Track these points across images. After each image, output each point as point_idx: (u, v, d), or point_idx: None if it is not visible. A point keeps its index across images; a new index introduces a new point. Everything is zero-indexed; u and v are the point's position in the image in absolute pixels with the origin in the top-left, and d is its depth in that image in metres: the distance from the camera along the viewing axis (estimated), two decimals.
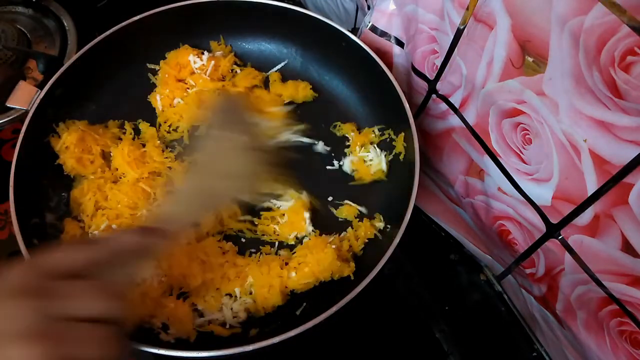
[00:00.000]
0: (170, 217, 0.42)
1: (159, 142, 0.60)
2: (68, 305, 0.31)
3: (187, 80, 0.63)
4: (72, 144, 0.57)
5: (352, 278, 0.51)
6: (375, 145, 0.61)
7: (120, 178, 0.58)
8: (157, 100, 0.63)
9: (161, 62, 0.64)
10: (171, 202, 0.46)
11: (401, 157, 0.58)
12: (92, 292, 0.33)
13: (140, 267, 0.39)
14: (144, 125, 0.62)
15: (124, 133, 0.62)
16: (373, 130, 0.62)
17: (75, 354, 0.30)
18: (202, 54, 0.64)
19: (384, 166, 0.59)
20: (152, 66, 0.65)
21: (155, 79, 0.65)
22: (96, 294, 0.33)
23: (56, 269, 0.33)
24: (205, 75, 0.63)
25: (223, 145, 0.48)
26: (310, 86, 0.65)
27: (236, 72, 0.66)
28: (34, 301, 0.30)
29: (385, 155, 0.60)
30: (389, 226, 0.56)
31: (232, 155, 0.48)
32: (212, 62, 0.63)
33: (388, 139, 0.60)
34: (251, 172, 0.49)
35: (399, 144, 0.58)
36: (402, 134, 0.58)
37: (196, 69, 0.63)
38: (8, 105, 0.58)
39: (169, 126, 0.63)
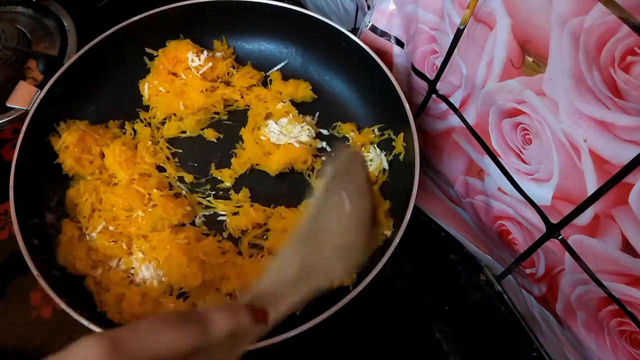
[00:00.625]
0: (272, 293, 0.35)
1: (150, 142, 0.61)
2: None
3: (179, 74, 0.63)
4: (71, 143, 0.57)
5: (351, 288, 0.50)
6: (375, 145, 0.61)
7: (115, 179, 0.58)
8: (145, 88, 0.63)
9: (160, 50, 0.64)
10: (275, 275, 0.37)
11: (401, 157, 0.58)
12: None
13: (234, 356, 0.31)
14: (138, 126, 0.62)
15: (124, 133, 0.62)
16: (373, 130, 0.62)
17: None
18: (202, 52, 0.64)
19: (385, 165, 0.59)
20: (150, 51, 0.65)
21: (151, 64, 0.65)
22: None
23: (147, 358, 0.26)
24: (198, 74, 0.63)
25: (338, 213, 0.40)
26: (311, 87, 0.65)
27: (233, 74, 0.66)
28: None
29: (385, 155, 0.60)
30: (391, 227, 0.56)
31: (347, 228, 0.40)
32: (210, 63, 0.63)
33: (388, 139, 0.60)
34: (365, 247, 0.41)
35: (399, 144, 0.58)
36: (402, 134, 0.58)
37: (192, 67, 0.63)
38: (8, 105, 0.58)
39: (149, 117, 0.63)
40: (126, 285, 0.52)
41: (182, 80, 0.63)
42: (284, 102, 0.63)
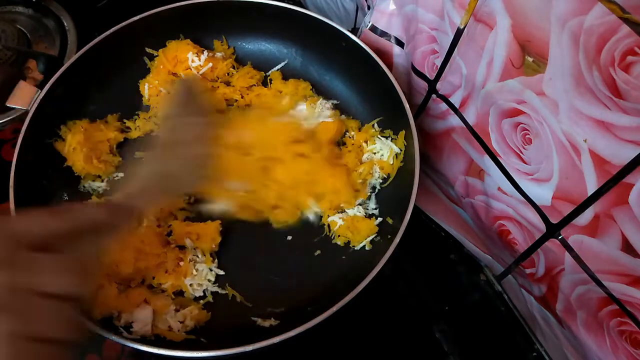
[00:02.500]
0: (135, 195, 0.42)
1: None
2: (34, 279, 0.30)
3: (180, 74, 0.63)
4: (78, 144, 0.57)
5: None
6: (378, 136, 0.60)
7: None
8: (145, 88, 0.63)
9: (160, 50, 0.64)
10: (137, 179, 0.44)
11: (401, 157, 0.58)
12: (58, 268, 0.31)
13: (103, 244, 0.37)
14: (140, 121, 0.63)
15: (128, 128, 0.62)
16: (373, 125, 0.62)
17: (36, 330, 0.28)
18: (202, 52, 0.64)
19: (396, 149, 0.58)
20: (150, 51, 0.65)
21: (152, 64, 0.65)
22: (63, 269, 0.31)
23: (24, 236, 0.31)
24: (198, 74, 0.63)
25: (187, 129, 0.48)
26: (311, 87, 0.65)
27: (233, 74, 0.66)
28: (1, 270, 0.29)
29: (392, 141, 0.59)
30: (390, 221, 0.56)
31: (195, 142, 0.48)
32: (210, 63, 0.63)
33: (389, 139, 0.60)
34: (205, 163, 0.49)
35: (399, 144, 0.58)
36: (403, 131, 0.58)
37: (193, 67, 0.63)
38: (8, 105, 0.58)
39: (149, 117, 0.63)
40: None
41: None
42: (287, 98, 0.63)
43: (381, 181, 0.59)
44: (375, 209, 0.59)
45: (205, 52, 0.64)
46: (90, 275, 0.34)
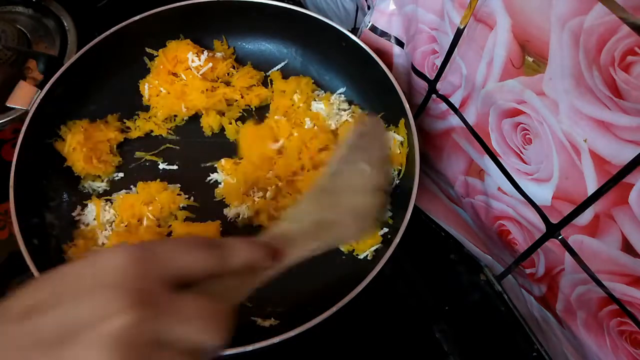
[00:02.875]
0: (288, 238, 0.37)
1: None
2: (173, 328, 0.25)
3: (180, 74, 0.63)
4: (78, 144, 0.57)
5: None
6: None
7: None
8: (145, 88, 0.63)
9: (160, 50, 0.64)
10: (291, 223, 0.38)
11: (405, 144, 0.58)
12: (201, 317, 0.26)
13: (248, 288, 0.33)
14: (141, 122, 0.63)
15: (128, 128, 0.62)
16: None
17: None
18: (202, 52, 0.64)
19: (399, 138, 0.57)
20: (150, 51, 0.65)
21: (152, 64, 0.65)
22: (205, 320, 0.26)
23: (176, 272, 0.27)
24: (198, 74, 0.63)
25: (357, 176, 0.42)
26: (313, 81, 0.65)
27: (233, 74, 0.66)
28: (140, 307, 0.24)
29: (394, 131, 0.59)
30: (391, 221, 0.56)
31: (364, 192, 0.42)
32: (210, 63, 0.63)
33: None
34: (375, 216, 0.44)
35: (401, 133, 0.58)
36: (402, 121, 0.58)
37: (193, 67, 0.63)
38: (8, 105, 0.58)
39: (149, 117, 0.63)
40: None
41: (182, 81, 0.63)
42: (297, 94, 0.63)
43: (396, 174, 0.58)
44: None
45: (205, 52, 0.64)
46: (229, 324, 0.28)
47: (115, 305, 0.23)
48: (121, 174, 0.61)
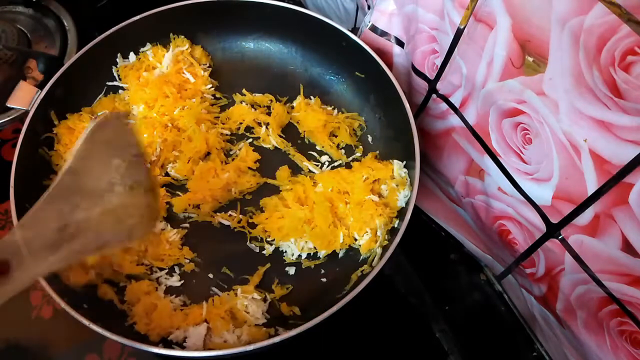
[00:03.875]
0: (20, 249, 0.31)
1: None
2: None
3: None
4: (69, 140, 0.57)
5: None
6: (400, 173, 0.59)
7: None
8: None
9: (141, 52, 0.64)
10: (27, 231, 0.32)
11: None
12: None
13: None
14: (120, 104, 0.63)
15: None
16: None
17: None
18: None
19: (402, 172, 0.57)
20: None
21: (138, 58, 0.65)
22: None
23: None
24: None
25: (110, 173, 0.38)
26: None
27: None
28: None
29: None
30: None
31: (124, 190, 0.38)
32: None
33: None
34: (148, 216, 0.40)
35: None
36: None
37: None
38: (8, 105, 0.58)
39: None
40: (156, 296, 0.52)
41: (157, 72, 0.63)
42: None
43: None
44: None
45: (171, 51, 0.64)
46: None
47: None
48: None
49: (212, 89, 0.65)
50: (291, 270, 0.56)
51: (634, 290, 0.38)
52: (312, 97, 0.66)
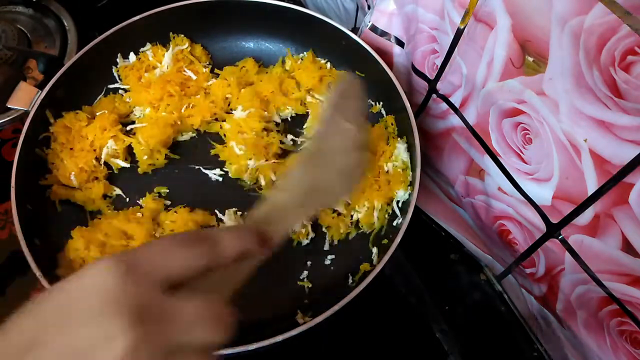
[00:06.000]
0: (280, 211, 0.36)
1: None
2: (177, 335, 0.24)
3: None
4: (65, 138, 0.57)
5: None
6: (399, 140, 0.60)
7: None
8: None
9: (141, 52, 0.65)
10: (283, 196, 0.38)
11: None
12: (202, 317, 0.25)
13: (240, 276, 0.32)
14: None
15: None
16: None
17: None
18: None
19: (405, 156, 0.58)
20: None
21: (138, 58, 0.65)
22: (206, 320, 0.25)
23: (167, 277, 0.25)
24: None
25: (342, 136, 0.42)
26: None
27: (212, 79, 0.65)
28: (138, 324, 0.23)
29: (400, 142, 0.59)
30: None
31: (350, 151, 0.43)
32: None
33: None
34: (361, 173, 0.44)
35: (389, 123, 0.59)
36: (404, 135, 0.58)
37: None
38: (8, 106, 0.58)
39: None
40: None
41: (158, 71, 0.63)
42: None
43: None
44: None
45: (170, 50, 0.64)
46: (232, 319, 0.27)
47: (115, 327, 0.22)
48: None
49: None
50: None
51: (634, 290, 0.38)
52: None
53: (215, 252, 0.28)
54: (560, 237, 0.44)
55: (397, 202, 0.56)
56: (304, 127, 0.63)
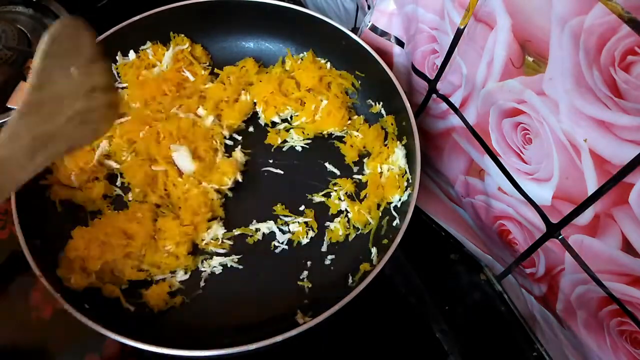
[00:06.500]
0: (2, 170, 0.37)
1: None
2: None
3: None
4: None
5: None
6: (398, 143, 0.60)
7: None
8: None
9: (141, 50, 0.65)
10: (3, 144, 0.37)
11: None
12: None
13: None
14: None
15: None
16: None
17: None
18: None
19: (402, 162, 0.58)
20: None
21: (138, 56, 0.65)
22: None
23: None
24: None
25: (69, 82, 0.42)
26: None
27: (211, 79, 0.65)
28: None
29: (400, 143, 0.59)
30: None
31: (83, 95, 0.43)
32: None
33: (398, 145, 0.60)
34: (99, 116, 0.44)
35: (388, 123, 0.59)
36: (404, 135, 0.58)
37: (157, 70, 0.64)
38: (8, 105, 0.58)
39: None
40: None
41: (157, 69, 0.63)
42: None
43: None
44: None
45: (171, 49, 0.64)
46: None
47: None
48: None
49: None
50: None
51: (634, 290, 0.38)
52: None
53: None
54: (560, 237, 0.44)
55: (394, 205, 0.57)
56: (296, 123, 0.63)
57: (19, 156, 0.38)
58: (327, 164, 0.62)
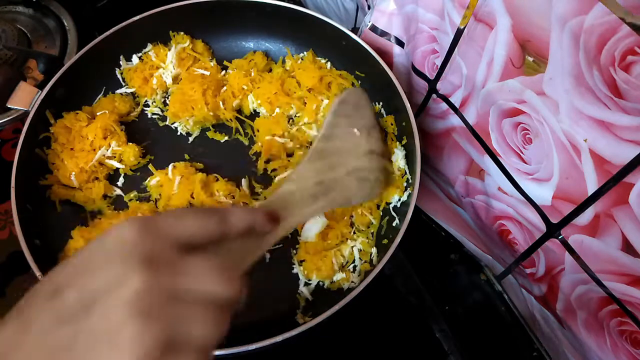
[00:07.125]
0: (289, 199, 0.39)
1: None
2: (187, 283, 0.27)
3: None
4: (65, 138, 0.57)
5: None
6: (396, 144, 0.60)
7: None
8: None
9: (143, 53, 0.65)
10: (290, 187, 0.40)
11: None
12: (212, 272, 0.28)
13: (252, 251, 0.35)
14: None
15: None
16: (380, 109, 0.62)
17: (182, 335, 0.25)
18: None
19: (402, 162, 0.58)
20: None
21: (140, 59, 0.65)
22: (216, 274, 0.28)
23: (179, 236, 0.29)
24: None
25: (350, 140, 0.47)
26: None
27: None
28: (150, 270, 0.25)
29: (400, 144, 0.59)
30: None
31: (360, 154, 0.47)
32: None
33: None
34: (379, 179, 0.48)
35: (388, 124, 0.59)
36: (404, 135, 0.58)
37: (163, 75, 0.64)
38: (8, 105, 0.58)
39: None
40: None
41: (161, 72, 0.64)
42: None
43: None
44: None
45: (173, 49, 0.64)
46: (241, 279, 0.29)
47: (128, 271, 0.25)
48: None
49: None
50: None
51: (634, 290, 0.38)
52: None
53: (226, 221, 0.32)
54: (560, 237, 0.44)
55: (394, 206, 0.57)
56: (300, 123, 0.63)
57: (303, 194, 0.41)
58: None
